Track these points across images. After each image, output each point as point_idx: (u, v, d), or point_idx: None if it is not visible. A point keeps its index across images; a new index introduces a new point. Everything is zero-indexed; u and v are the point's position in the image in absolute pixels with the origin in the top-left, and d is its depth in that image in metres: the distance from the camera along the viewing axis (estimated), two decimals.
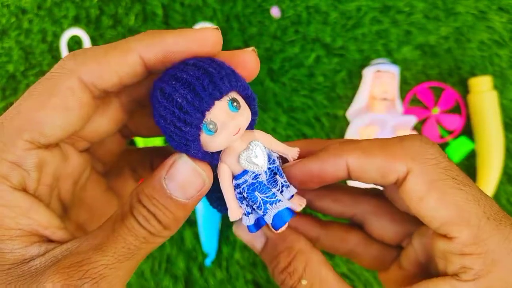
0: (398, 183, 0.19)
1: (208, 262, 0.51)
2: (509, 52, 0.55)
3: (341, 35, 0.54)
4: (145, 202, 0.17)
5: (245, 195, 0.20)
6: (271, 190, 0.21)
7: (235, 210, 0.21)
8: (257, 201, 0.20)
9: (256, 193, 0.20)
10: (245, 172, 0.20)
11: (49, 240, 0.17)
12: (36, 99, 0.17)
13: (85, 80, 0.17)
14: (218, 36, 0.18)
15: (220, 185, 0.20)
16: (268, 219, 0.20)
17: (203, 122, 0.18)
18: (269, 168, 0.21)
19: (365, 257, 0.25)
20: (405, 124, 0.49)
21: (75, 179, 0.21)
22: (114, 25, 0.54)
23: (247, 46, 0.54)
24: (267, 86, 0.54)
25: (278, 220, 0.21)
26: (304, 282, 0.19)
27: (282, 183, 0.22)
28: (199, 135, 0.18)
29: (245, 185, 0.20)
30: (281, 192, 0.21)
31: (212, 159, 0.20)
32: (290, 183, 0.22)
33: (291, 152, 0.22)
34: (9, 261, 0.16)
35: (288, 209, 0.21)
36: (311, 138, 0.21)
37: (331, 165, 0.20)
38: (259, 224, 0.21)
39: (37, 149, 0.17)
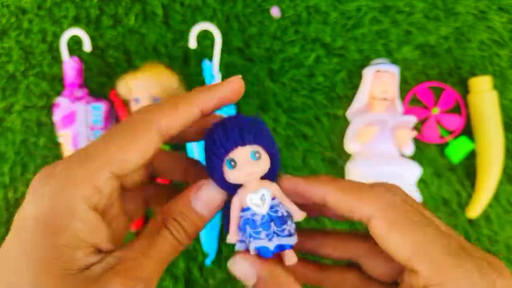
0: (364, 224, 0.22)
1: (208, 262, 0.51)
2: (509, 52, 0.55)
3: (341, 35, 0.54)
4: (176, 216, 0.22)
5: (240, 226, 0.27)
6: (260, 230, 0.27)
7: (232, 235, 0.27)
8: (246, 233, 0.27)
9: (247, 226, 0.27)
10: (248, 208, 0.27)
11: (100, 250, 0.21)
12: (122, 140, 0.21)
13: (161, 129, 0.22)
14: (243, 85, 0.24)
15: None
16: (251, 250, 0.27)
17: (226, 157, 0.26)
18: (268, 214, 0.27)
19: None
20: (405, 124, 0.49)
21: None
22: (114, 25, 0.54)
23: (247, 46, 0.54)
24: (267, 86, 0.54)
25: (261, 252, 0.27)
26: None
27: (274, 230, 0.27)
28: (222, 166, 0.26)
29: (243, 218, 0.27)
30: (271, 237, 0.27)
31: (231, 190, 0.26)
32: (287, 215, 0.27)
33: (297, 214, 0.27)
34: (78, 266, 0.19)
35: (267, 249, 0.26)
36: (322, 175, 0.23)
37: (314, 191, 0.23)
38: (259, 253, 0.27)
39: (114, 179, 0.21)
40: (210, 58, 0.52)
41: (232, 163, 0.27)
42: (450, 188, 0.54)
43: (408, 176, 0.49)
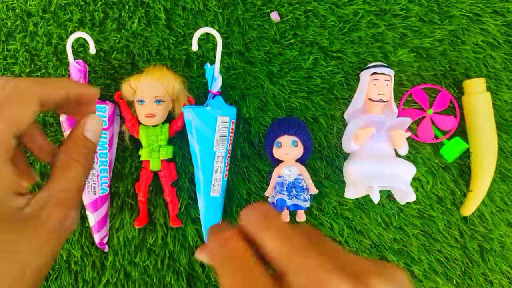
0: None
1: None
2: (503, 54, 0.56)
3: (338, 38, 0.55)
4: (78, 147, 0.27)
5: (275, 186, 0.50)
6: (284, 190, 0.49)
7: (269, 191, 0.52)
8: (276, 190, 0.50)
9: (277, 186, 0.50)
10: (281, 176, 0.50)
11: (21, 194, 0.23)
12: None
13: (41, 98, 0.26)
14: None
15: None
16: (273, 200, 0.50)
17: (276, 140, 0.50)
18: (293, 182, 0.50)
19: None
20: (401, 125, 0.50)
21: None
22: (118, 28, 0.55)
23: (247, 49, 0.55)
24: (267, 87, 0.55)
25: (278, 205, 0.49)
26: None
27: (294, 193, 0.49)
28: (272, 145, 0.50)
29: (277, 181, 0.50)
30: (291, 197, 0.49)
31: (275, 162, 0.51)
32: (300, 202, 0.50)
33: (312, 189, 0.51)
34: (13, 210, 0.22)
35: (283, 202, 0.49)
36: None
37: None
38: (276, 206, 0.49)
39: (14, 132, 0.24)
40: (212, 61, 0.53)
41: (279, 144, 0.49)
42: (444, 186, 0.55)
43: (403, 175, 0.50)
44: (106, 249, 0.54)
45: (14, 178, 0.23)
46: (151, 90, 0.50)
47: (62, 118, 0.51)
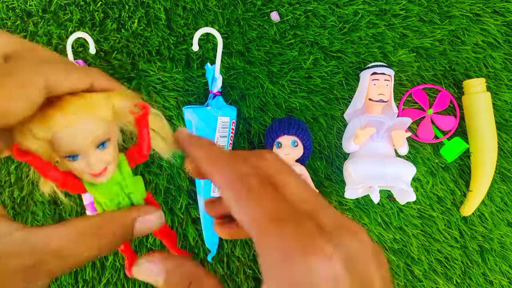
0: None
1: (209, 258, 0.52)
2: (503, 54, 0.56)
3: (338, 38, 0.55)
4: None
5: None
6: None
7: None
8: None
9: None
10: None
11: None
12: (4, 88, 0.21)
13: (49, 85, 0.21)
14: None
15: None
16: None
17: (276, 140, 0.49)
18: None
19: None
20: (401, 125, 0.50)
21: None
22: (118, 28, 0.55)
23: (247, 49, 0.55)
24: (267, 87, 0.55)
25: None
26: None
27: None
28: (272, 145, 0.50)
29: None
30: None
31: None
32: None
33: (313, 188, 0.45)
34: None
35: None
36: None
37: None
38: None
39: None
40: (212, 61, 0.53)
41: (279, 144, 0.49)
42: (444, 186, 0.55)
43: (403, 175, 0.50)
44: None
45: None
46: (83, 135, 0.24)
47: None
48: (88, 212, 0.52)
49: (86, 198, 0.51)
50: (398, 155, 0.52)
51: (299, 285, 0.16)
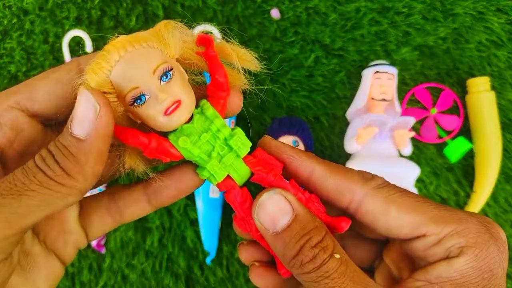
0: (351, 209, 0.22)
1: (208, 260, 0.52)
2: (507, 53, 0.56)
3: (340, 36, 0.55)
4: (49, 146, 0.18)
5: None
6: None
7: None
8: None
9: None
10: None
11: None
12: (33, 78, 0.21)
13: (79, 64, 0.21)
14: None
15: None
16: None
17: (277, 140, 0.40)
18: None
19: None
20: (404, 124, 0.49)
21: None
22: (115, 26, 0.54)
23: (247, 47, 0.54)
24: (267, 86, 0.54)
25: None
26: (337, 256, 0.20)
27: None
28: None
29: None
30: None
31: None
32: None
33: None
34: None
35: None
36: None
37: (299, 160, 0.22)
38: None
39: (19, 111, 0.20)
40: None
41: None
42: (448, 187, 0.54)
43: (407, 176, 0.49)
44: (103, 251, 0.53)
45: None
46: (139, 63, 0.20)
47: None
48: None
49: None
50: (401, 156, 0.51)
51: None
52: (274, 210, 0.21)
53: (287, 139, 0.48)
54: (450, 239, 0.20)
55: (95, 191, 0.50)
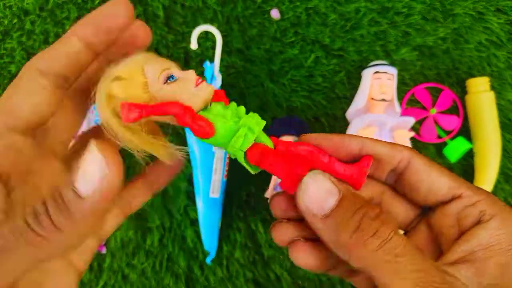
0: (399, 169, 0.23)
1: (208, 260, 0.52)
2: (507, 53, 0.56)
3: (340, 36, 0.55)
4: (47, 199, 0.17)
5: (275, 186, 0.47)
6: None
7: (269, 192, 0.49)
8: (276, 190, 0.45)
9: (278, 187, 0.44)
10: None
11: None
12: (6, 93, 0.20)
13: (42, 69, 0.20)
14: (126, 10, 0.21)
15: None
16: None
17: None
18: None
19: None
20: (404, 125, 0.49)
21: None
22: None
23: (247, 47, 0.54)
24: (267, 86, 0.54)
25: None
26: (401, 231, 0.20)
27: None
28: None
29: (278, 181, 0.40)
30: None
31: None
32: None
33: None
34: None
35: None
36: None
37: (349, 141, 0.23)
38: None
39: (12, 132, 0.19)
40: (211, 59, 0.52)
41: None
42: None
43: None
44: (104, 251, 0.53)
45: None
46: (161, 61, 0.24)
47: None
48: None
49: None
50: None
51: None
52: (320, 192, 0.20)
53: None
54: (483, 203, 0.21)
55: None
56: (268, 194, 0.51)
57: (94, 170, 0.16)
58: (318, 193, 0.20)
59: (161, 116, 0.22)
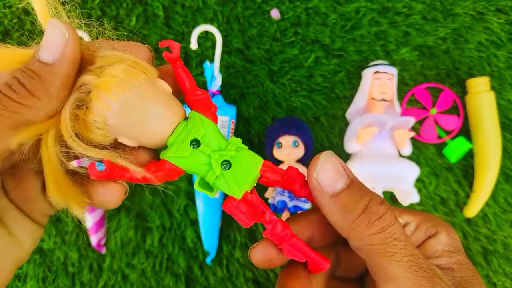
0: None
1: (208, 260, 0.52)
2: (507, 53, 0.56)
3: (340, 36, 0.55)
4: (15, 72, 0.18)
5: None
6: (285, 191, 0.48)
7: (268, 192, 0.50)
8: (276, 191, 0.48)
9: (278, 187, 0.42)
10: None
11: None
12: None
13: None
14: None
15: None
16: (273, 201, 0.48)
17: (276, 140, 0.48)
18: None
19: None
20: (404, 124, 0.49)
21: None
22: (115, 26, 0.54)
23: (247, 47, 0.54)
24: (267, 86, 0.54)
25: (278, 206, 0.48)
26: (401, 220, 0.22)
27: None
28: (272, 145, 0.48)
29: None
30: (292, 198, 0.47)
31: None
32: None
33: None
34: None
35: (284, 203, 0.48)
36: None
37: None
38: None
39: None
40: (211, 59, 0.52)
41: (279, 144, 0.48)
42: (448, 187, 0.54)
43: (406, 176, 0.49)
44: (104, 251, 0.53)
45: None
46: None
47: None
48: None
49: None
50: (401, 156, 0.51)
51: None
52: (332, 171, 0.21)
53: (287, 139, 0.48)
54: (424, 223, 0.24)
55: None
56: (268, 193, 0.51)
57: (55, 37, 0.19)
58: (331, 172, 0.21)
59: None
